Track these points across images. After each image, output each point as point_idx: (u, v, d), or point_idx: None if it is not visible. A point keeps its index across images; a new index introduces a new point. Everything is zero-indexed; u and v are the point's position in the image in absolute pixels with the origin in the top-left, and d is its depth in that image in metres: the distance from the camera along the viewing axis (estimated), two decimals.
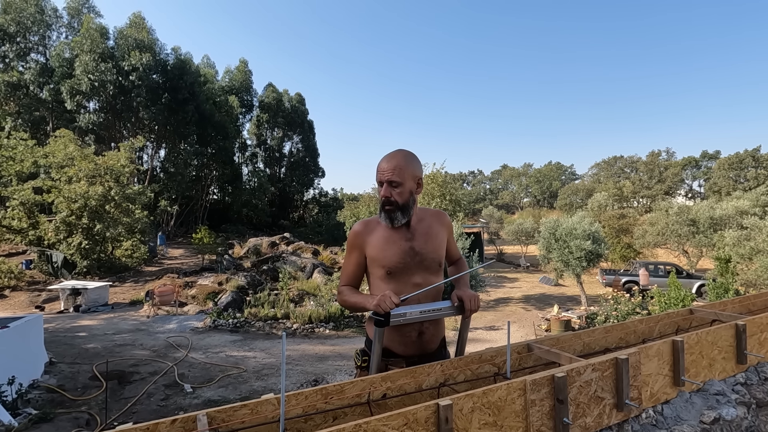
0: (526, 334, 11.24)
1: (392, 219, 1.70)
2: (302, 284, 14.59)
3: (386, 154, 1.75)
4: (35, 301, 13.15)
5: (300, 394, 1.23)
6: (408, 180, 1.70)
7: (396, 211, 1.69)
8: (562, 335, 1.79)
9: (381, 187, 1.71)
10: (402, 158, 1.71)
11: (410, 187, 1.71)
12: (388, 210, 1.70)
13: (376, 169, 1.74)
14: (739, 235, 15.69)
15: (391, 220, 1.70)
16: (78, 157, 16.45)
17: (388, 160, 1.71)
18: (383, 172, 1.70)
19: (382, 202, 1.70)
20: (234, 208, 31.39)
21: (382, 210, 1.71)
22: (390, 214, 1.70)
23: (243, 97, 34.58)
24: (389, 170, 1.69)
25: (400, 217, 1.70)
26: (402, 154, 1.73)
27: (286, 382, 6.80)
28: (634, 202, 46.86)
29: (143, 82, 23.92)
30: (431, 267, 1.75)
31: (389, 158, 1.72)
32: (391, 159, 1.71)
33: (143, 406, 5.88)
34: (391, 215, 1.70)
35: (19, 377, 5.61)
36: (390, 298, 1.50)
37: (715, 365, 1.68)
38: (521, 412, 1.20)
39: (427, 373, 1.44)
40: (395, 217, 1.70)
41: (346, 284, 1.83)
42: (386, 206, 1.69)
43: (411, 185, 1.72)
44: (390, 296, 1.50)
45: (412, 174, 1.72)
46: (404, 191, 1.69)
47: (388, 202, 1.69)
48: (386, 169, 1.69)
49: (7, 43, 23.62)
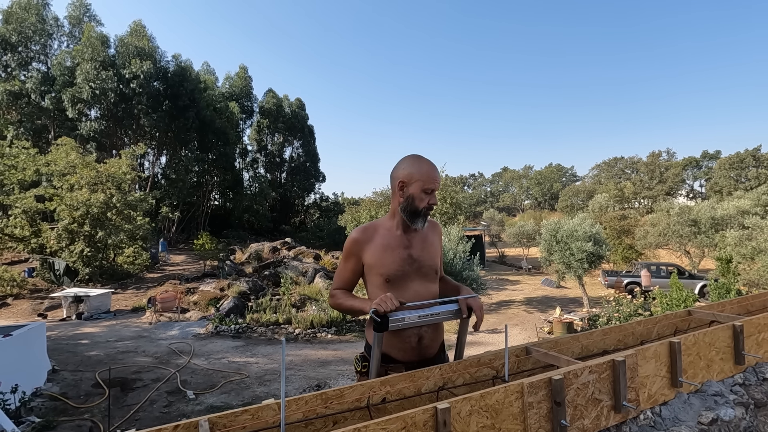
0: (529, 336, 11.21)
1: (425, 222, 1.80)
2: (304, 289, 14.60)
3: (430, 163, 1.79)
4: (38, 309, 13.16)
5: (300, 399, 1.25)
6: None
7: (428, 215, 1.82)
8: (560, 338, 1.80)
9: (427, 194, 1.75)
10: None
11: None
12: (428, 215, 1.80)
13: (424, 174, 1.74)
14: (740, 235, 15.66)
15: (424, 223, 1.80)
16: (80, 165, 16.52)
17: (435, 171, 1.78)
18: (435, 180, 1.77)
19: (426, 208, 1.75)
20: (235, 214, 31.44)
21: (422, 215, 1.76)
22: (426, 219, 1.80)
23: (243, 103, 34.74)
24: (439, 181, 1.79)
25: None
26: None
27: (288, 388, 6.80)
28: (635, 203, 46.82)
29: (144, 89, 24.06)
30: (429, 274, 1.78)
31: (434, 169, 1.79)
32: (436, 170, 1.80)
33: (146, 413, 5.88)
34: (427, 218, 1.81)
35: (22, 385, 5.62)
36: (391, 299, 1.53)
37: (712, 366, 1.69)
38: (519, 414, 1.21)
39: (426, 377, 1.45)
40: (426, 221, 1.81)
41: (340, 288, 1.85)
42: (429, 211, 1.78)
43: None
44: (391, 297, 1.53)
45: None
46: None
47: (431, 208, 1.77)
48: (438, 179, 1.78)
49: (8, 53, 23.81)
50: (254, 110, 36.27)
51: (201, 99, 28.04)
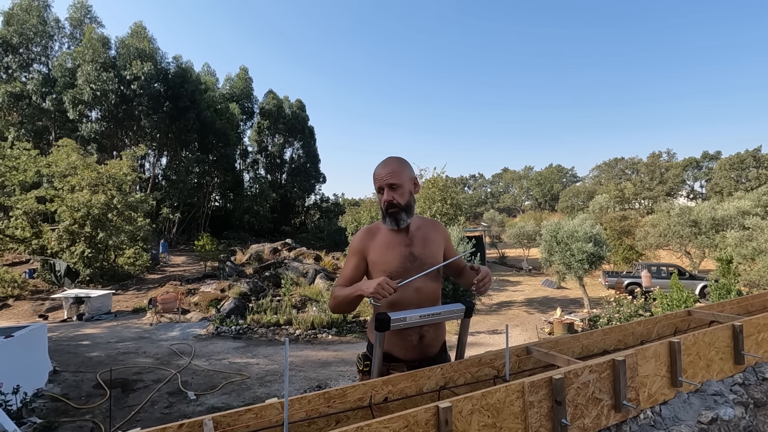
0: (529, 337, 11.21)
1: (398, 220, 1.74)
2: (304, 290, 14.60)
3: (379, 163, 1.81)
4: (39, 310, 13.17)
5: (303, 398, 1.26)
6: (406, 181, 1.76)
7: (401, 212, 1.74)
8: (560, 338, 1.81)
9: (381, 193, 1.76)
10: (396, 162, 1.78)
11: (409, 188, 1.77)
12: (393, 212, 1.73)
13: (373, 177, 1.79)
14: (741, 236, 15.64)
15: (397, 221, 1.74)
16: (80, 166, 16.55)
17: (384, 166, 1.77)
18: (381, 178, 1.75)
19: (386, 206, 1.74)
20: (236, 215, 31.46)
21: (387, 214, 1.75)
22: (395, 216, 1.74)
23: (244, 104, 34.76)
24: (387, 174, 1.74)
25: (405, 217, 1.75)
26: (395, 159, 1.80)
27: (289, 389, 6.80)
28: (635, 204, 46.75)
29: (145, 90, 24.08)
30: (430, 272, 1.79)
31: (384, 164, 1.78)
32: (386, 165, 1.77)
33: (147, 414, 5.89)
34: (396, 217, 1.74)
35: (24, 386, 5.62)
36: (387, 282, 1.51)
37: (712, 366, 1.70)
38: (520, 413, 1.22)
39: (427, 377, 1.46)
40: (401, 218, 1.74)
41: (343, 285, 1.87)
42: (390, 209, 1.73)
43: (409, 186, 1.78)
44: (386, 281, 1.51)
45: (408, 175, 1.79)
46: (404, 192, 1.75)
47: (391, 205, 1.73)
48: (384, 175, 1.75)
49: (10, 54, 23.82)
50: (255, 111, 36.29)
51: (201, 100, 28.06)
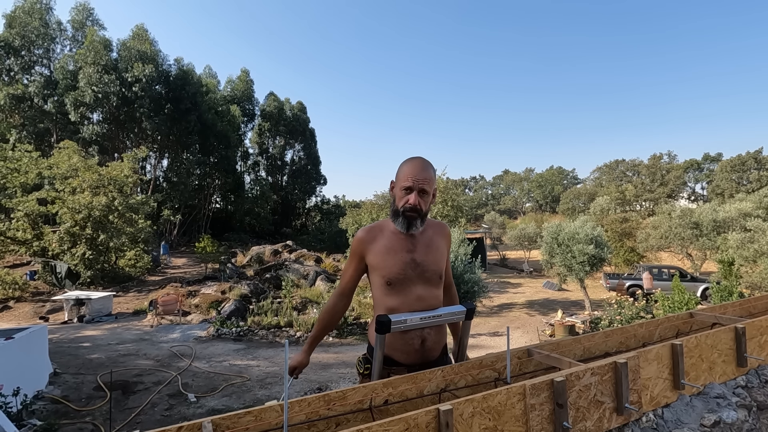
0: (530, 339, 11.18)
1: (412, 225, 1.68)
2: (305, 292, 14.58)
3: (415, 160, 1.71)
4: (39, 311, 13.17)
5: (303, 400, 1.25)
6: (432, 191, 1.70)
7: (417, 219, 1.67)
8: (562, 340, 1.80)
9: (407, 192, 1.66)
10: (432, 169, 1.70)
11: (432, 198, 1.73)
12: (411, 217, 1.66)
13: (402, 174, 1.69)
14: (742, 238, 15.60)
15: (410, 226, 1.67)
16: (82, 168, 16.57)
17: (422, 169, 1.67)
18: (417, 180, 1.64)
19: (407, 209, 1.65)
20: (236, 217, 31.48)
21: (403, 216, 1.67)
22: (412, 221, 1.67)
23: (245, 107, 34.83)
24: (423, 180, 1.65)
25: (419, 224, 1.69)
26: (430, 165, 1.71)
27: (290, 391, 6.78)
28: (636, 206, 46.72)
29: (146, 92, 24.15)
30: (432, 279, 1.73)
31: (422, 167, 1.68)
32: (425, 169, 1.67)
33: (147, 416, 5.88)
34: (412, 222, 1.67)
35: (24, 388, 5.61)
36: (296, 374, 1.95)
37: (715, 368, 1.69)
38: (521, 416, 1.22)
39: (428, 379, 1.45)
40: (416, 225, 1.68)
41: (342, 290, 1.89)
42: (409, 212, 1.65)
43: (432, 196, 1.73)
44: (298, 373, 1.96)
45: (435, 185, 1.72)
46: (428, 201, 1.69)
47: (414, 209, 1.65)
48: (420, 178, 1.65)
49: (11, 57, 23.91)
50: (255, 113, 36.37)
51: (203, 102, 28.13)
